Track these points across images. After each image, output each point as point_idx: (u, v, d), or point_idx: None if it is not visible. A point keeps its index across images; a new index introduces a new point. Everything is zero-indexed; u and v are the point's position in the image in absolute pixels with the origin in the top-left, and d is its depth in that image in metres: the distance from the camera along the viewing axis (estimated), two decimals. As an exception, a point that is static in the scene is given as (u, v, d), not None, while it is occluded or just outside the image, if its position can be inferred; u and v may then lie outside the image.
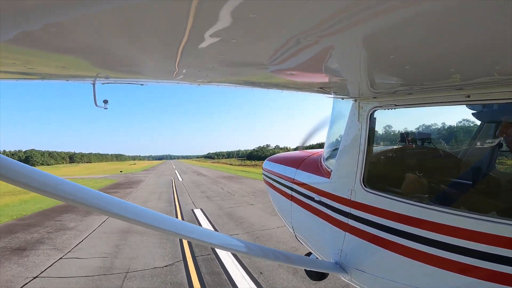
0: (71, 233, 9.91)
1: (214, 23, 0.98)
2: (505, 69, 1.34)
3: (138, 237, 9.05)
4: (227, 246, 2.15)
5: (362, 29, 0.99)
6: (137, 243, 8.44)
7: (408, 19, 0.88)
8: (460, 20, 0.86)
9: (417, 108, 2.22)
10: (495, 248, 1.57)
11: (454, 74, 1.45)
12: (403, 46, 1.14)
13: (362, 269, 2.39)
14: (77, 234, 9.82)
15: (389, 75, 1.64)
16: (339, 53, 1.30)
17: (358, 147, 2.47)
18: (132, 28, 1.01)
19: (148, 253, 7.58)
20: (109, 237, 9.28)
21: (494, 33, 0.94)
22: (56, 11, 0.83)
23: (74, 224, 11.36)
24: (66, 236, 9.58)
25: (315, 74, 1.83)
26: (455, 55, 1.19)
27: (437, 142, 2.83)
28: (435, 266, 1.83)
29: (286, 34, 1.09)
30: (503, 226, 1.56)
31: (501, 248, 1.55)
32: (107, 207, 1.59)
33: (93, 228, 10.52)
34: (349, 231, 2.50)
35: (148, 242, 8.49)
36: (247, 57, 1.43)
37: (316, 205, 3.00)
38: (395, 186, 2.37)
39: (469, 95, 1.77)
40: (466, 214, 1.72)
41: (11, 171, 1.31)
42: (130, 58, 1.38)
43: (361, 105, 2.47)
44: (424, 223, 1.91)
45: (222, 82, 2.04)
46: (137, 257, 7.26)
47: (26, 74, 1.56)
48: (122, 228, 10.12)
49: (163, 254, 7.48)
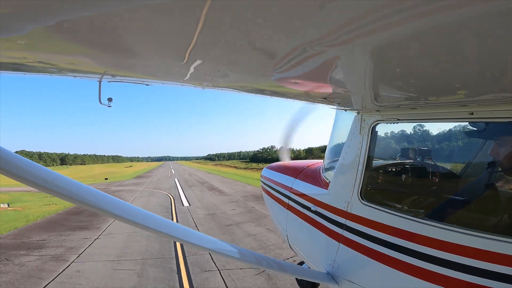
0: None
1: (222, 28, 0.99)
2: (509, 87, 1.34)
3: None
4: (220, 251, 2.14)
5: (368, 41, 0.99)
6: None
7: (415, 32, 0.88)
8: (467, 36, 0.87)
9: (421, 124, 2.22)
10: (491, 265, 1.56)
11: (459, 90, 1.45)
12: (409, 60, 1.14)
13: (353, 281, 2.38)
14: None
15: (394, 88, 1.64)
16: (345, 64, 1.31)
17: (358, 159, 2.47)
18: (143, 29, 1.02)
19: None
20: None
21: (501, 50, 0.94)
22: (70, 8, 0.85)
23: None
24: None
25: (319, 84, 1.84)
26: (461, 70, 1.19)
27: (438, 159, 2.82)
28: (428, 281, 1.81)
29: (292, 42, 1.10)
30: (499, 243, 1.55)
31: (497, 265, 1.54)
32: (106, 207, 1.57)
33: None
34: (343, 242, 2.50)
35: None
36: (252, 63, 1.44)
37: (312, 215, 3.00)
38: (392, 200, 2.37)
39: (473, 112, 1.77)
40: (462, 230, 1.71)
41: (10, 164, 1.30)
42: (139, 58, 1.39)
43: (364, 118, 2.47)
44: (419, 238, 1.90)
45: (226, 87, 2.05)
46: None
47: (35, 68, 1.57)
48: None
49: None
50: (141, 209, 1.77)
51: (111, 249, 8.81)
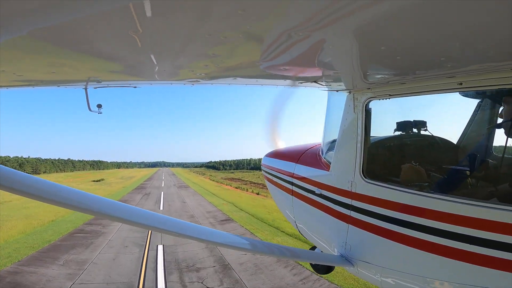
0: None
1: (205, 21, 0.97)
2: (493, 55, 1.35)
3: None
4: (232, 244, 2.14)
5: (351, 22, 0.99)
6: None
7: (395, 10, 0.89)
8: (444, 9, 0.87)
9: (412, 97, 2.22)
10: (497, 235, 1.58)
11: (444, 62, 1.46)
12: (392, 37, 1.14)
13: (367, 260, 2.38)
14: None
15: (381, 65, 1.64)
16: (330, 46, 1.30)
17: (356, 138, 2.47)
18: (123, 30, 1.00)
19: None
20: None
21: (479, 21, 0.94)
22: (44, 16, 0.82)
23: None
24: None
25: (308, 68, 1.83)
26: (442, 43, 1.19)
27: (434, 129, 2.83)
28: (439, 254, 1.83)
29: (276, 29, 1.09)
30: (504, 212, 1.56)
31: (502, 234, 1.56)
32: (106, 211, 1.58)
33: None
34: (352, 223, 2.48)
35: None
36: (239, 54, 1.42)
37: (318, 198, 2.98)
38: (395, 175, 2.35)
39: (461, 83, 1.78)
40: (467, 201, 1.72)
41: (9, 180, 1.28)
42: (122, 59, 1.37)
43: (356, 97, 2.47)
44: (425, 211, 1.91)
45: (215, 79, 2.03)
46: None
47: (16, 81, 1.54)
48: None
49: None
50: (142, 209, 1.75)
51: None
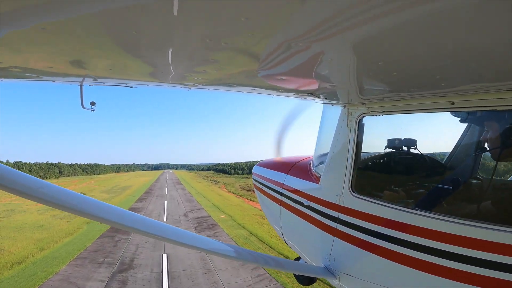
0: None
1: (204, 26, 0.97)
2: (486, 76, 1.40)
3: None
4: (216, 251, 2.12)
5: (351, 36, 1.00)
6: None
7: (395, 27, 0.91)
8: (443, 29, 0.89)
9: (405, 115, 2.27)
10: (479, 253, 1.60)
11: (439, 81, 1.50)
12: (391, 53, 1.16)
13: (350, 273, 2.39)
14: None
15: (377, 81, 1.67)
16: (329, 59, 1.32)
17: (347, 152, 2.50)
18: (122, 30, 0.99)
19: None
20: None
21: (476, 42, 0.97)
22: (46, 12, 0.82)
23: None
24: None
25: (305, 80, 1.85)
26: (439, 62, 1.23)
27: (423, 148, 2.89)
28: (422, 270, 1.84)
29: (277, 39, 1.10)
30: (486, 231, 1.59)
31: (485, 252, 1.58)
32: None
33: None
34: (337, 236, 2.50)
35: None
36: (238, 61, 1.43)
37: (305, 210, 3.00)
38: (382, 191, 2.39)
39: (454, 102, 1.83)
40: (451, 219, 1.75)
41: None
42: (120, 59, 1.36)
43: (350, 111, 2.50)
44: (410, 228, 1.93)
45: (212, 85, 2.03)
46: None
47: (12, 74, 1.51)
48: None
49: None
50: (132, 213, 1.73)
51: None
